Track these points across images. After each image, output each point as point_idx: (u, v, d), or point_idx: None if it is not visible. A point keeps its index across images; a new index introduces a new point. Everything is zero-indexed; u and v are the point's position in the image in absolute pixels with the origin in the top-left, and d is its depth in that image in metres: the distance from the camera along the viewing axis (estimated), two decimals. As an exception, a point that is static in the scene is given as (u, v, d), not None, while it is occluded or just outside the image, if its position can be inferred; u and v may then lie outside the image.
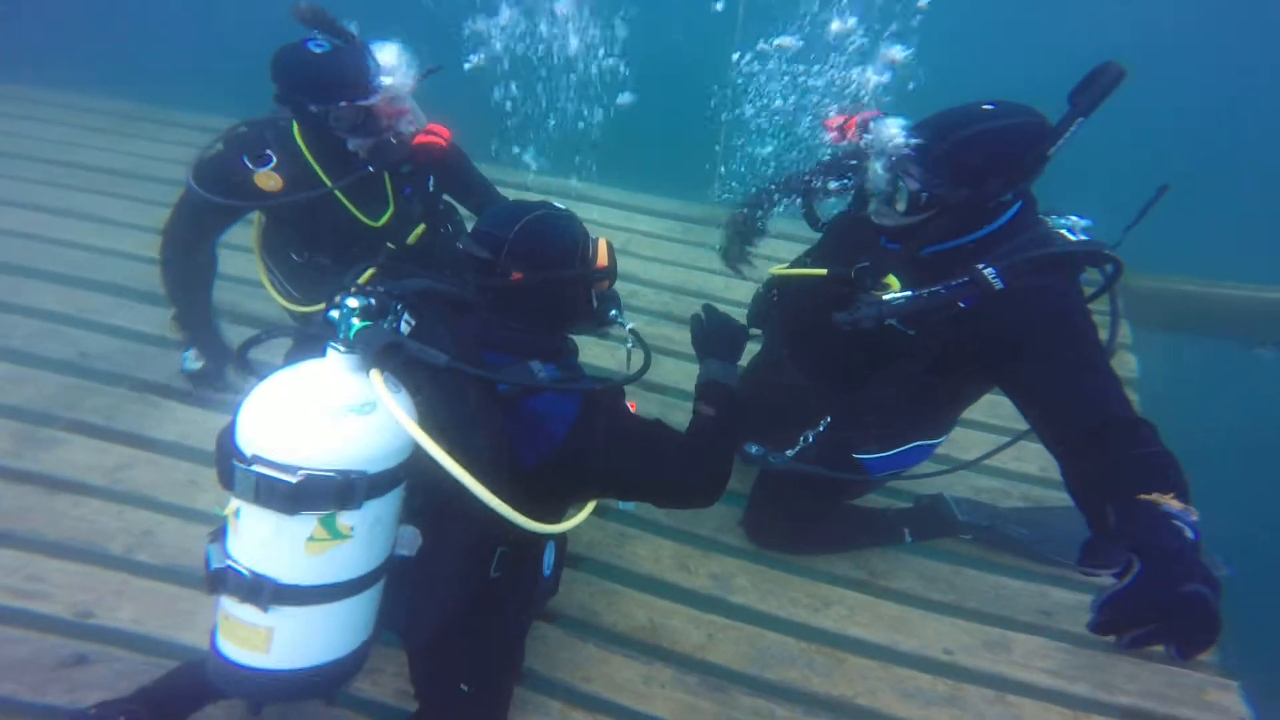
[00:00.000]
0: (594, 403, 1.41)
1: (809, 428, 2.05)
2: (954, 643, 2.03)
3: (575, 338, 1.65)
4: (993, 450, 2.01)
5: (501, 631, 1.63)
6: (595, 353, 3.00)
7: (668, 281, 3.58)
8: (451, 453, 1.18)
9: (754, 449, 2.04)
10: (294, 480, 1.10)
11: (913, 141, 1.54)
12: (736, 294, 3.33)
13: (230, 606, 1.19)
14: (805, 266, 1.99)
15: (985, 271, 1.48)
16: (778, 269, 2.10)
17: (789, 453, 2.04)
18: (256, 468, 1.11)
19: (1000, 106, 1.52)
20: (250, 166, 2.02)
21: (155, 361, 2.78)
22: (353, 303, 1.22)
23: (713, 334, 1.74)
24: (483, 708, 1.65)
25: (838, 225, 1.98)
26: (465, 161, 2.38)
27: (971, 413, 2.11)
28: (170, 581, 2.07)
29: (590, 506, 1.58)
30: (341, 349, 1.20)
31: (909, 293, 1.58)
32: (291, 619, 1.17)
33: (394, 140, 2.13)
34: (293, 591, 1.15)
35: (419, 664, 1.64)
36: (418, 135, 2.18)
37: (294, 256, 2.24)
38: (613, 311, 1.63)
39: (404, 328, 1.33)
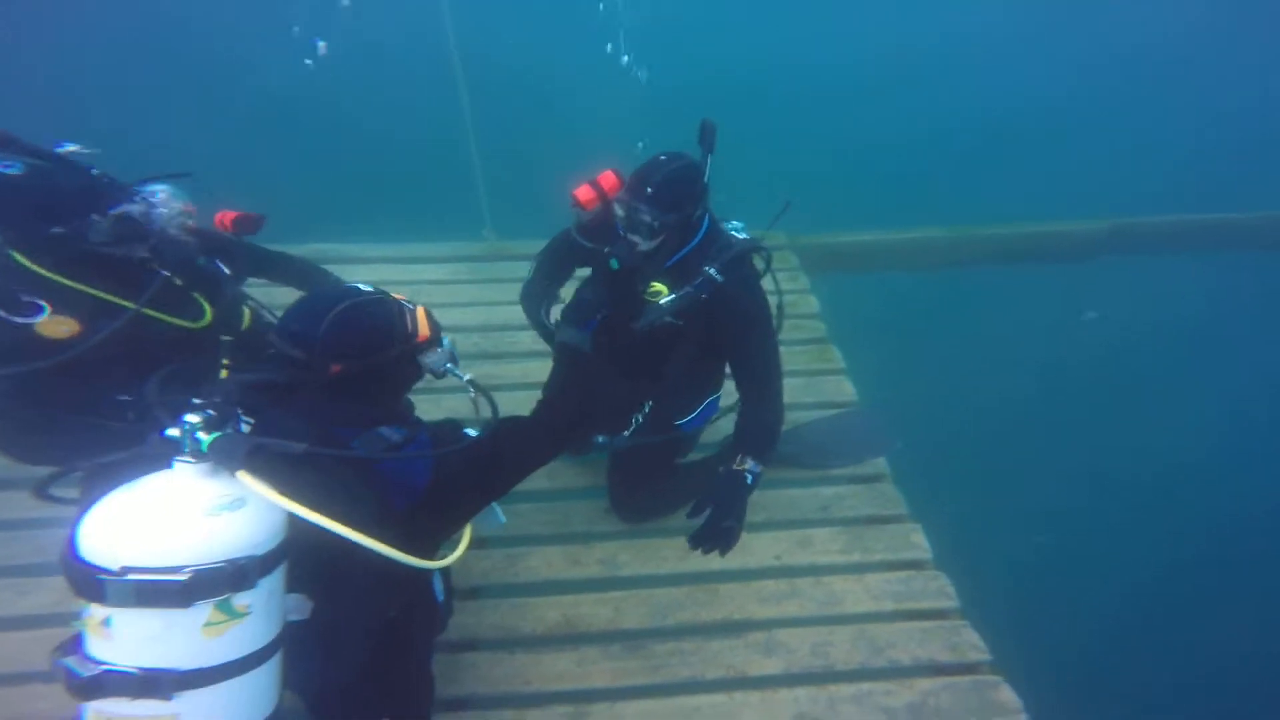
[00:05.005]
0: (445, 447, 1.52)
1: (636, 411, 2.47)
2: (779, 549, 2.59)
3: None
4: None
5: (412, 661, 1.70)
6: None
7: (471, 323, 3.50)
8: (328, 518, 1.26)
9: (600, 439, 2.42)
10: (183, 578, 1.11)
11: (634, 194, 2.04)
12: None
13: (116, 706, 1.14)
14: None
15: (710, 271, 2.07)
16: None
17: (625, 434, 2.46)
18: (132, 576, 1.10)
19: (669, 155, 2.08)
20: (19, 320, 1.62)
21: None
22: (194, 418, 1.19)
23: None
24: None
25: (602, 261, 2.29)
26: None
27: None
28: None
29: (465, 544, 1.65)
30: (192, 460, 1.19)
31: (673, 295, 2.12)
32: (200, 700, 1.16)
33: (177, 235, 1.87)
34: (197, 675, 1.15)
35: (328, 714, 1.62)
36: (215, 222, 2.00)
37: (122, 397, 1.82)
38: (447, 365, 1.65)
39: (244, 427, 1.31)
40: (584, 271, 2.58)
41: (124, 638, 1.13)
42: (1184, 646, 3.37)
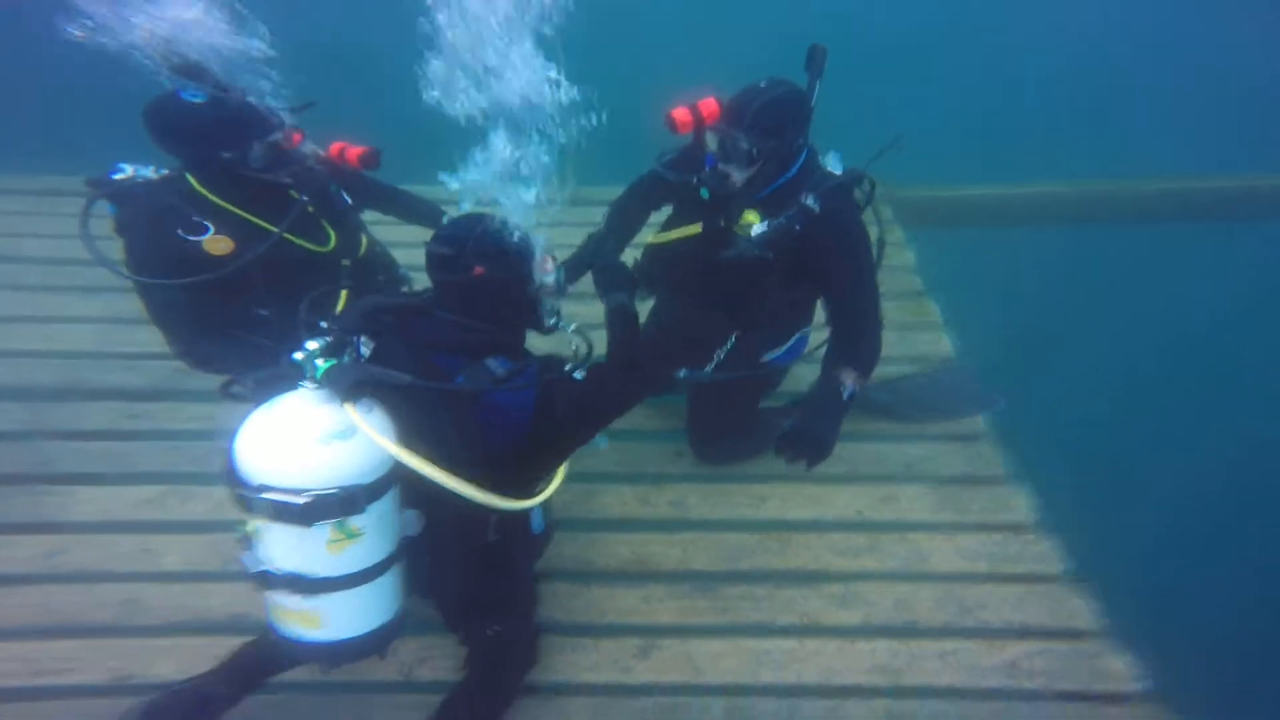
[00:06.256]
0: (548, 383, 1.51)
1: (719, 347, 2.32)
2: (861, 504, 2.43)
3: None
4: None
5: (511, 580, 1.76)
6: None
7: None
8: (427, 453, 1.29)
9: (681, 373, 2.29)
10: (302, 502, 1.20)
11: (732, 119, 1.89)
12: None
13: (280, 598, 1.32)
14: (675, 229, 2.22)
15: (807, 201, 1.90)
16: (654, 237, 2.30)
17: (708, 368, 2.32)
18: (267, 495, 1.20)
19: (770, 81, 1.92)
20: (191, 238, 1.74)
21: (25, 454, 2.42)
22: (312, 345, 1.27)
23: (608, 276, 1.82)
24: (513, 642, 1.81)
25: (687, 192, 2.15)
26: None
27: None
28: (187, 634, 1.96)
29: (559, 479, 1.65)
30: (312, 386, 1.25)
31: (766, 224, 1.94)
32: (335, 601, 1.31)
33: (311, 164, 1.95)
34: (328, 582, 1.29)
35: (450, 617, 1.77)
36: (330, 152, 2.02)
37: (262, 312, 1.94)
38: (553, 320, 1.66)
39: (365, 350, 1.36)
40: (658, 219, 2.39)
41: (272, 545, 1.27)
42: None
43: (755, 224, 1.96)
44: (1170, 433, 3.74)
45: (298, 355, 1.26)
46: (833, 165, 2.04)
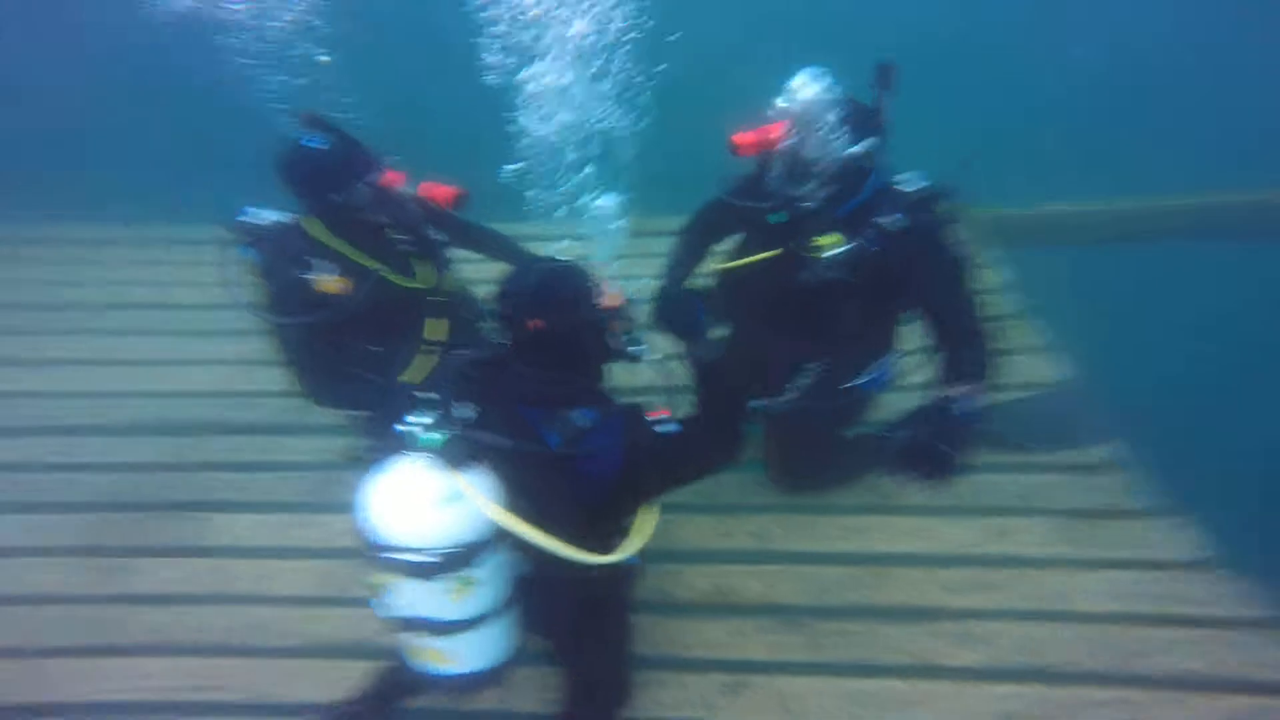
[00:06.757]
0: (634, 438, 1.48)
1: (793, 374, 2.19)
2: (967, 538, 2.19)
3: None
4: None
5: (613, 609, 1.75)
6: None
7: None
8: (525, 508, 1.36)
9: (759, 403, 2.17)
10: (431, 560, 1.34)
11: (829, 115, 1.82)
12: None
13: (414, 639, 1.45)
14: (747, 256, 2.13)
15: (881, 221, 1.85)
16: (725, 264, 2.22)
17: (783, 398, 2.18)
18: (399, 555, 1.35)
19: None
20: (314, 280, 1.89)
21: (171, 487, 2.63)
22: (424, 421, 1.36)
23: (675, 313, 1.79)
24: (615, 666, 1.80)
25: (754, 219, 2.08)
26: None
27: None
28: (314, 656, 2.04)
29: (650, 528, 1.61)
30: (428, 459, 1.36)
31: (847, 245, 1.86)
32: (462, 641, 1.45)
33: (409, 204, 2.07)
34: (454, 625, 1.42)
35: (559, 648, 1.77)
36: (421, 192, 2.14)
37: (372, 349, 2.05)
38: (636, 348, 1.62)
39: (460, 409, 1.40)
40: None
41: (404, 595, 1.41)
42: None
43: (831, 246, 1.89)
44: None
45: (408, 428, 1.36)
46: (906, 184, 1.95)
